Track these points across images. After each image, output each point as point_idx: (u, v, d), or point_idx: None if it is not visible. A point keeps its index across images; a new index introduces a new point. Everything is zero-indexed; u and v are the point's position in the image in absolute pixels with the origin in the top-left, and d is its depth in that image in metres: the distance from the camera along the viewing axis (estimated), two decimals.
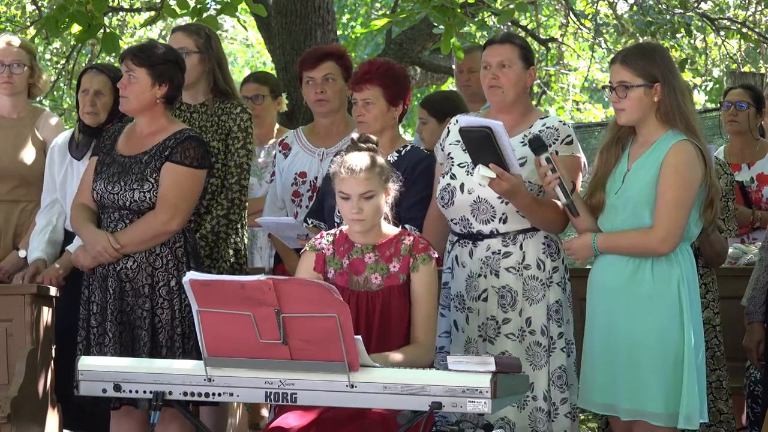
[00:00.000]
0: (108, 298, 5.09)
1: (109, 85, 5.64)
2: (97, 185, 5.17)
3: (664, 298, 4.62)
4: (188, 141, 5.12)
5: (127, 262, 5.09)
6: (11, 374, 5.29)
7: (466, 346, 4.97)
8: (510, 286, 4.93)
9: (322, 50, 6.06)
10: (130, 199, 5.08)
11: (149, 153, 5.13)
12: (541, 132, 4.96)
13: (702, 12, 11.53)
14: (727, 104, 7.07)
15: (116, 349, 5.02)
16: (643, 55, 4.67)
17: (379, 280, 4.63)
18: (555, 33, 14.14)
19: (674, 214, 4.60)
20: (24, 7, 13.48)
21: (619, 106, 4.69)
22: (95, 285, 5.14)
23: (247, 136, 5.59)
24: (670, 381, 4.58)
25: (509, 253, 4.94)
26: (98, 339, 5.09)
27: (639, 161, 4.69)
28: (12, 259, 5.92)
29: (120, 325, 5.07)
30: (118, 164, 5.17)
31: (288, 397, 4.15)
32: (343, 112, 5.94)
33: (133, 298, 5.08)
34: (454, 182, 4.99)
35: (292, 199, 5.90)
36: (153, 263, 5.09)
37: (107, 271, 5.12)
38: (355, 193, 4.55)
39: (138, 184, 5.08)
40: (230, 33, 18.19)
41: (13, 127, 6.04)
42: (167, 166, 5.09)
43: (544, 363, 4.90)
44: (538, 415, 4.88)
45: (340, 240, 4.70)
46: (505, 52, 5.00)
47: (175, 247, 5.12)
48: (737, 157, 6.96)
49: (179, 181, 5.09)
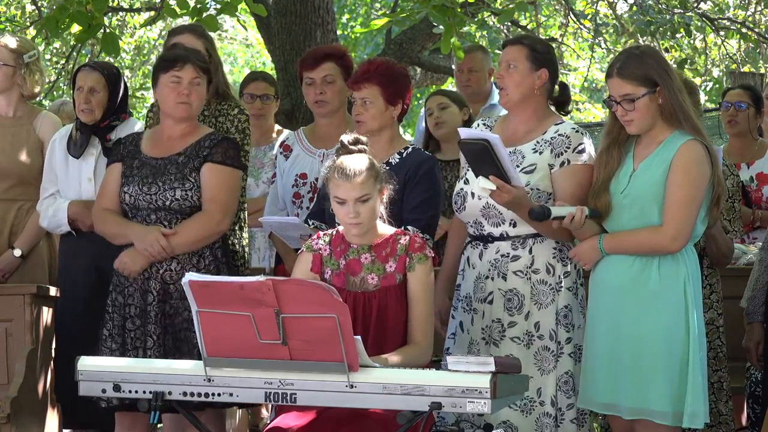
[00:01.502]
0: (150, 301, 5.07)
1: (103, 81, 5.65)
2: (130, 188, 5.14)
3: (671, 297, 4.62)
4: (227, 142, 5.18)
5: (171, 264, 5.08)
6: (11, 374, 5.29)
7: (468, 347, 4.95)
8: (517, 290, 4.91)
9: (322, 51, 6.05)
10: (171, 198, 5.07)
11: (184, 154, 5.14)
12: (553, 139, 4.94)
13: (702, 12, 11.53)
14: (726, 104, 7.07)
15: (159, 352, 5.01)
16: (638, 63, 4.66)
17: (376, 280, 4.63)
18: (555, 33, 14.14)
19: (684, 211, 4.60)
20: (24, 7, 13.48)
21: (627, 118, 4.68)
22: (134, 288, 5.11)
23: (244, 137, 5.60)
24: (675, 379, 4.58)
25: (518, 256, 4.92)
26: (135, 343, 5.07)
27: (646, 161, 4.69)
28: (7, 259, 5.92)
29: (162, 328, 5.05)
30: (149, 166, 5.15)
31: (288, 397, 4.15)
32: (343, 113, 5.94)
33: (178, 300, 5.05)
34: (467, 187, 4.98)
35: (292, 200, 5.90)
36: (197, 264, 5.09)
37: (149, 273, 5.09)
38: (351, 198, 4.54)
39: (179, 183, 5.08)
40: (230, 33, 18.19)
41: (11, 126, 6.04)
42: (211, 167, 5.10)
43: (552, 368, 4.87)
44: (545, 420, 4.86)
45: (336, 240, 4.70)
46: (512, 52, 4.98)
47: (215, 248, 5.14)
48: (736, 157, 6.95)
49: (226, 181, 5.13)
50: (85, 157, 5.69)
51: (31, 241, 5.95)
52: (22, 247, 5.92)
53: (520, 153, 4.94)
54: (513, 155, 4.91)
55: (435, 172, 5.25)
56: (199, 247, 5.10)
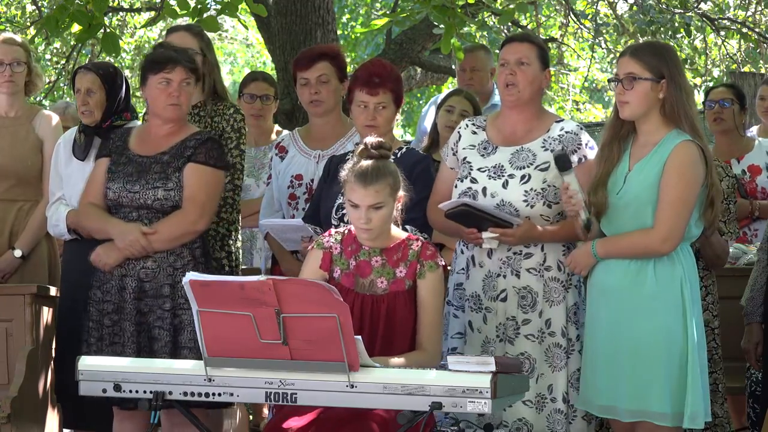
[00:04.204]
0: (126, 298, 5.07)
1: (98, 82, 5.64)
2: (114, 185, 5.15)
3: (668, 298, 4.62)
4: (210, 142, 5.17)
5: (147, 262, 5.08)
6: (11, 374, 5.29)
7: (483, 346, 4.95)
8: (531, 287, 4.92)
9: (315, 51, 6.03)
10: (153, 198, 5.08)
11: (169, 153, 5.14)
12: (562, 136, 4.97)
13: (702, 12, 11.53)
14: (710, 104, 7.08)
15: (133, 349, 5.01)
16: (654, 52, 4.69)
17: (385, 284, 4.62)
18: (555, 33, 14.14)
19: (676, 213, 4.60)
20: (24, 7, 13.48)
21: (623, 98, 4.69)
22: (111, 284, 5.12)
23: (240, 137, 5.60)
24: (674, 380, 4.58)
25: (530, 254, 4.93)
26: (113, 339, 5.07)
27: (641, 162, 4.68)
28: (7, 259, 5.92)
29: (138, 326, 5.06)
30: (135, 164, 5.16)
31: (288, 397, 4.15)
32: (338, 112, 5.93)
33: (153, 299, 5.06)
34: (476, 186, 4.98)
35: (288, 201, 5.88)
36: (173, 263, 5.08)
37: (125, 270, 5.10)
38: (365, 204, 4.53)
39: (162, 182, 5.08)
40: (230, 33, 18.18)
41: (11, 126, 6.04)
42: (193, 167, 5.10)
43: (563, 365, 4.89)
44: (557, 417, 4.87)
45: (348, 240, 4.69)
46: (524, 50, 4.99)
47: (194, 247, 5.13)
48: (725, 155, 6.96)
49: (206, 181, 5.11)
50: (90, 160, 5.69)
51: (32, 241, 5.95)
52: (23, 248, 5.92)
53: (528, 151, 4.96)
54: (521, 153, 4.95)
55: (430, 172, 5.27)
56: (175, 246, 5.09)
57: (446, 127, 6.48)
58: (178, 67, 5.13)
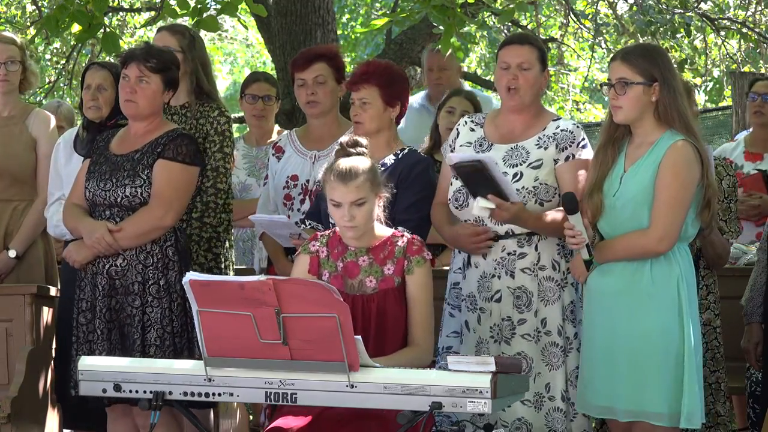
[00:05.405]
0: (97, 296, 5.09)
1: (110, 79, 5.65)
2: (90, 184, 5.18)
3: (664, 298, 4.62)
4: (180, 138, 5.16)
5: (117, 260, 5.09)
6: (11, 374, 5.30)
7: (477, 346, 4.96)
8: (525, 287, 4.93)
9: (313, 51, 6.02)
10: (122, 195, 5.09)
11: (141, 151, 5.16)
12: (556, 134, 4.97)
13: (702, 12, 11.52)
14: (754, 96, 7.15)
15: (105, 347, 5.03)
16: (644, 55, 4.69)
17: (374, 283, 4.62)
18: (555, 33, 14.13)
19: (671, 213, 4.60)
20: (24, 7, 13.47)
21: (616, 103, 4.70)
22: (85, 282, 5.15)
23: (224, 140, 5.57)
24: (671, 380, 4.59)
25: (524, 254, 4.94)
26: (87, 337, 5.10)
27: (637, 163, 4.69)
28: (2, 260, 5.92)
29: (109, 323, 5.07)
30: (110, 163, 5.19)
31: (288, 397, 4.15)
32: (335, 114, 5.92)
33: (123, 296, 5.08)
34: None
35: (284, 202, 5.87)
36: (143, 261, 5.09)
37: (97, 268, 5.12)
38: (347, 201, 4.54)
39: (130, 179, 5.09)
40: (230, 33, 18.17)
41: (4, 125, 6.04)
42: (160, 163, 5.11)
43: (560, 363, 4.90)
44: (556, 415, 4.89)
45: (333, 242, 4.69)
46: (525, 53, 5.00)
47: (166, 246, 5.13)
48: (760, 147, 7.04)
49: (172, 177, 5.11)
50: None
51: (26, 241, 5.95)
52: (17, 248, 5.92)
53: (522, 149, 4.97)
54: (515, 151, 4.94)
55: (429, 174, 5.26)
56: (143, 242, 5.09)
57: (447, 128, 6.47)
58: (132, 63, 5.15)
